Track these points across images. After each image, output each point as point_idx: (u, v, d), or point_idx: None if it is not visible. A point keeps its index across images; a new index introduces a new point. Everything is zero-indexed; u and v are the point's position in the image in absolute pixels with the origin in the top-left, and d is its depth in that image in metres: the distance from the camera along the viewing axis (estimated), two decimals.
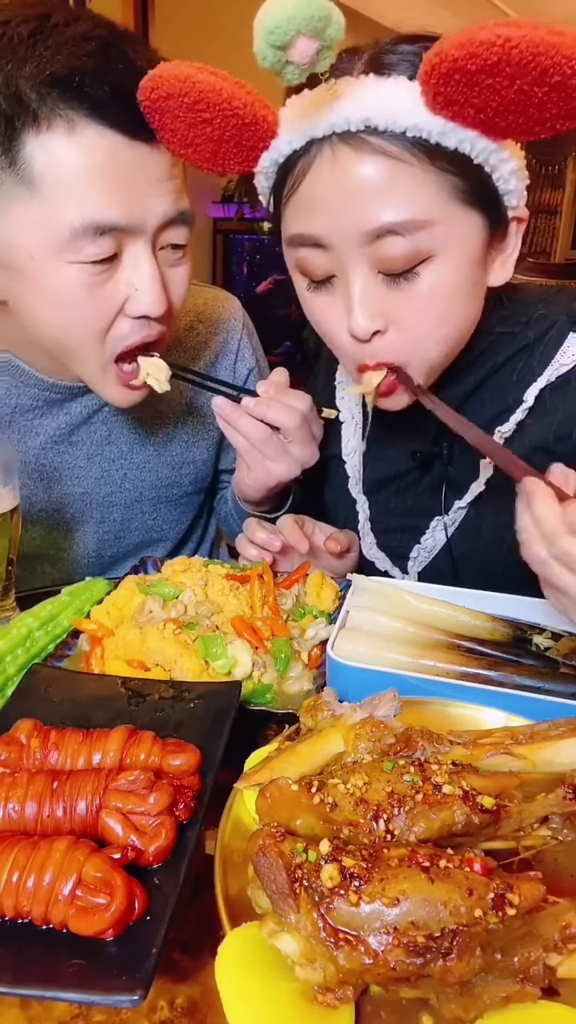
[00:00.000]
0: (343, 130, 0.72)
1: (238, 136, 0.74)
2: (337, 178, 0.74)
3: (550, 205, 7.20)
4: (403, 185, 0.72)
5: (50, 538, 1.13)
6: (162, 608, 0.83)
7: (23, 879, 0.48)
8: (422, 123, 0.70)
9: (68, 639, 0.83)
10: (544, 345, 0.90)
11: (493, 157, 0.72)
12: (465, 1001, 0.44)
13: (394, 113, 0.70)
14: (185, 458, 1.18)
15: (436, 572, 1.01)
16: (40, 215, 0.79)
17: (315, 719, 0.61)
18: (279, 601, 0.88)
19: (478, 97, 0.65)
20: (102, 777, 0.55)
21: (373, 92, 0.71)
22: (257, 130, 0.74)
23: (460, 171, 0.73)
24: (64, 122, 0.76)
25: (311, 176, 0.76)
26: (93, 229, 0.79)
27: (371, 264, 0.76)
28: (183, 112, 0.73)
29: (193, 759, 0.58)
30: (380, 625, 0.77)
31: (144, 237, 0.83)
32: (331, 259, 0.78)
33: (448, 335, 0.82)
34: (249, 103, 0.71)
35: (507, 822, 0.52)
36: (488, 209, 0.77)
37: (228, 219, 4.64)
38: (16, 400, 1.02)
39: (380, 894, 0.43)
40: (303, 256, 0.80)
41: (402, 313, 0.78)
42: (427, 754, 0.55)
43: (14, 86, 0.74)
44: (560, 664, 0.73)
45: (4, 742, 0.59)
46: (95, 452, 1.10)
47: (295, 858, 0.46)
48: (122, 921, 0.47)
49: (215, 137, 0.74)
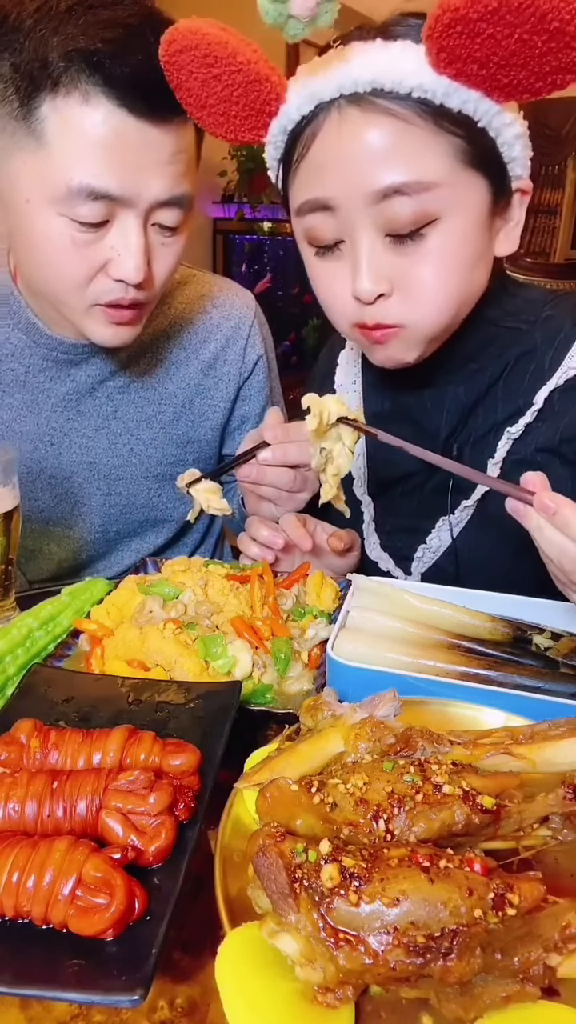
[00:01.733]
0: (351, 92, 0.74)
1: (245, 96, 0.77)
2: (345, 140, 0.75)
3: (550, 205, 7.19)
4: (409, 146, 0.74)
5: (58, 509, 1.15)
6: (162, 608, 0.83)
7: (23, 879, 0.48)
8: (427, 83, 0.71)
9: (68, 639, 0.83)
10: (554, 349, 0.91)
11: (496, 120, 0.74)
12: (465, 1001, 0.44)
13: (400, 74, 0.71)
14: (190, 437, 1.20)
15: (440, 573, 1.01)
16: (42, 168, 0.83)
17: (315, 719, 0.61)
18: (279, 601, 0.88)
19: (480, 50, 0.66)
20: (102, 777, 0.55)
21: (380, 55, 0.73)
22: (262, 90, 0.76)
23: (465, 134, 0.75)
24: (80, 93, 0.80)
25: (319, 140, 0.77)
26: (87, 192, 0.83)
27: (378, 226, 0.77)
28: (195, 67, 0.76)
29: (193, 759, 0.58)
30: (380, 625, 0.77)
31: (136, 211, 0.87)
32: (339, 223, 0.79)
33: (451, 300, 0.82)
34: (253, 60, 0.74)
35: (507, 822, 0.52)
36: (492, 174, 0.78)
37: (228, 219, 4.64)
38: (30, 360, 1.07)
39: (380, 894, 0.43)
40: (311, 223, 0.81)
41: (407, 276, 0.79)
42: (427, 754, 0.55)
43: (43, 52, 0.79)
44: (560, 664, 0.73)
45: (4, 742, 0.59)
46: (102, 424, 1.13)
47: (295, 858, 0.46)
48: (122, 921, 0.47)
49: (225, 96, 0.77)
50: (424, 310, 0.82)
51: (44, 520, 1.15)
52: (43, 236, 0.87)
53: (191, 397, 1.18)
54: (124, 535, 1.22)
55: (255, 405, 1.24)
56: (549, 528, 0.67)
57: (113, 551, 1.23)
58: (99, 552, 1.22)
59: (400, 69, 0.71)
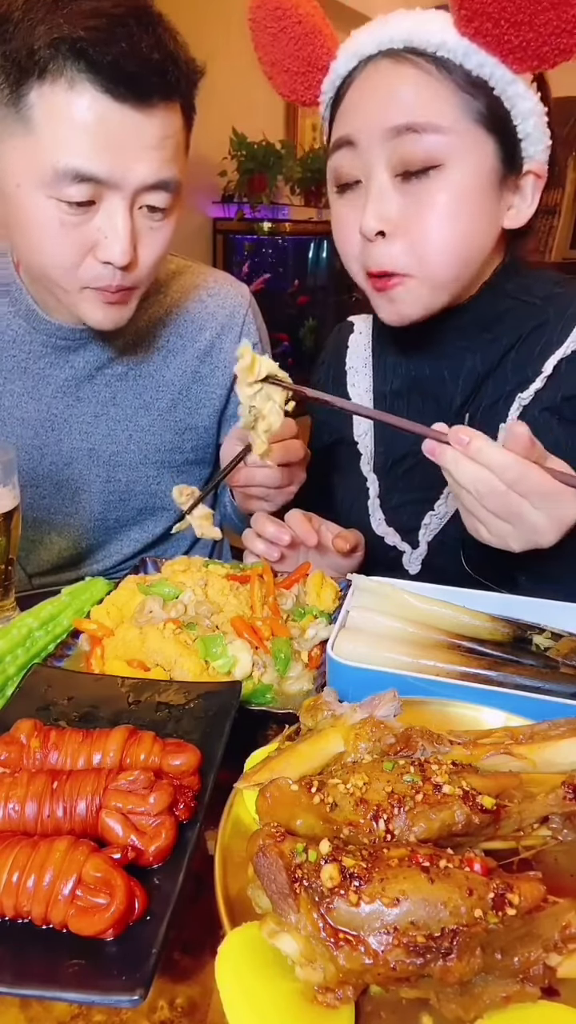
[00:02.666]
0: (387, 47, 0.84)
1: (304, 48, 0.90)
2: (376, 84, 0.86)
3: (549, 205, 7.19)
4: (427, 94, 0.83)
5: (59, 496, 1.17)
6: (162, 608, 0.83)
7: (23, 879, 0.48)
8: (450, 42, 0.81)
9: (68, 639, 0.83)
10: (563, 321, 0.96)
11: (510, 88, 0.82)
12: (465, 1001, 0.44)
13: (428, 33, 0.82)
14: (188, 424, 1.22)
15: (447, 540, 1.03)
16: (30, 151, 0.87)
17: (315, 719, 0.61)
18: (279, 601, 0.88)
19: (493, 4, 0.75)
20: (102, 777, 0.55)
21: (415, 17, 0.84)
22: (317, 42, 0.89)
23: (481, 96, 0.83)
24: (66, 80, 0.83)
25: (355, 86, 0.88)
26: (73, 175, 0.86)
27: (390, 165, 0.85)
28: (268, 21, 0.88)
29: (193, 759, 0.58)
30: (380, 625, 0.77)
31: (122, 193, 0.89)
32: (358, 159, 0.87)
33: (452, 248, 0.88)
34: (312, 13, 0.88)
35: (507, 822, 0.52)
36: (503, 140, 0.85)
37: (228, 219, 4.64)
38: (29, 346, 1.10)
39: (380, 894, 0.43)
40: (338, 161, 0.90)
41: (410, 219, 0.86)
42: (427, 754, 0.55)
43: (30, 40, 0.82)
44: (560, 664, 0.73)
45: (4, 742, 0.59)
46: (101, 411, 1.16)
47: (295, 858, 0.46)
48: (122, 921, 0.47)
49: (290, 52, 0.90)
50: (427, 256, 0.87)
51: (45, 508, 1.17)
52: (33, 219, 0.90)
53: (188, 384, 1.21)
54: (123, 523, 1.24)
55: None
56: (464, 460, 0.71)
57: (112, 540, 1.25)
58: (98, 541, 1.24)
59: (429, 29, 0.82)
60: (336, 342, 1.21)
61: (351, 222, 0.90)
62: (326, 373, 1.20)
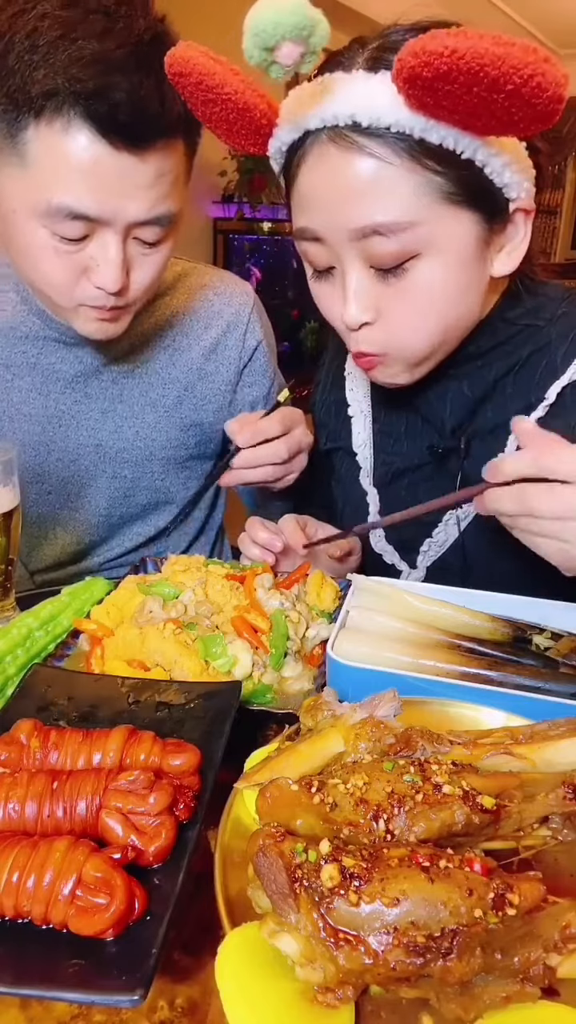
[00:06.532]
0: (332, 125, 0.74)
1: (240, 119, 0.78)
2: (326, 176, 0.77)
3: (550, 205, 7.19)
4: (388, 186, 0.74)
5: (64, 491, 1.18)
6: (162, 608, 0.83)
7: (23, 879, 0.48)
8: (403, 120, 0.71)
9: (68, 639, 0.83)
10: (567, 344, 0.91)
11: (480, 152, 0.73)
12: (465, 1001, 0.44)
13: (378, 110, 0.71)
14: (192, 420, 1.23)
15: (446, 567, 1.02)
16: (26, 184, 0.87)
17: (315, 719, 0.61)
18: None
19: (445, 100, 0.65)
20: (102, 777, 0.55)
21: (361, 88, 0.72)
22: (251, 116, 0.77)
23: (448, 168, 0.74)
24: (62, 123, 0.83)
25: (304, 171, 0.79)
26: (66, 212, 0.87)
27: (363, 259, 0.79)
28: (192, 92, 0.76)
29: (193, 759, 0.58)
30: (380, 625, 0.77)
31: (113, 228, 0.90)
32: (328, 252, 0.81)
33: (433, 330, 0.84)
34: (240, 90, 0.74)
35: (507, 822, 0.52)
36: (481, 205, 0.77)
37: (228, 219, 4.64)
38: (42, 343, 1.11)
39: (380, 894, 0.43)
40: (306, 248, 0.84)
41: (389, 307, 0.81)
42: (427, 754, 0.55)
43: (28, 81, 0.81)
44: (560, 664, 0.73)
45: (4, 742, 0.59)
46: (109, 408, 1.16)
47: (295, 858, 0.46)
48: (122, 921, 0.47)
49: (224, 117, 0.78)
50: (403, 341, 0.84)
51: (50, 504, 1.17)
52: (27, 245, 0.92)
53: (193, 381, 1.21)
54: (127, 519, 1.25)
55: (261, 389, 1.28)
56: (520, 490, 0.67)
57: (115, 535, 1.26)
58: (102, 536, 1.25)
59: (378, 104, 0.71)
60: (336, 346, 1.19)
61: (335, 305, 0.85)
62: (326, 377, 1.20)
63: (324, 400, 1.18)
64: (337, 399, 1.13)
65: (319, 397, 1.20)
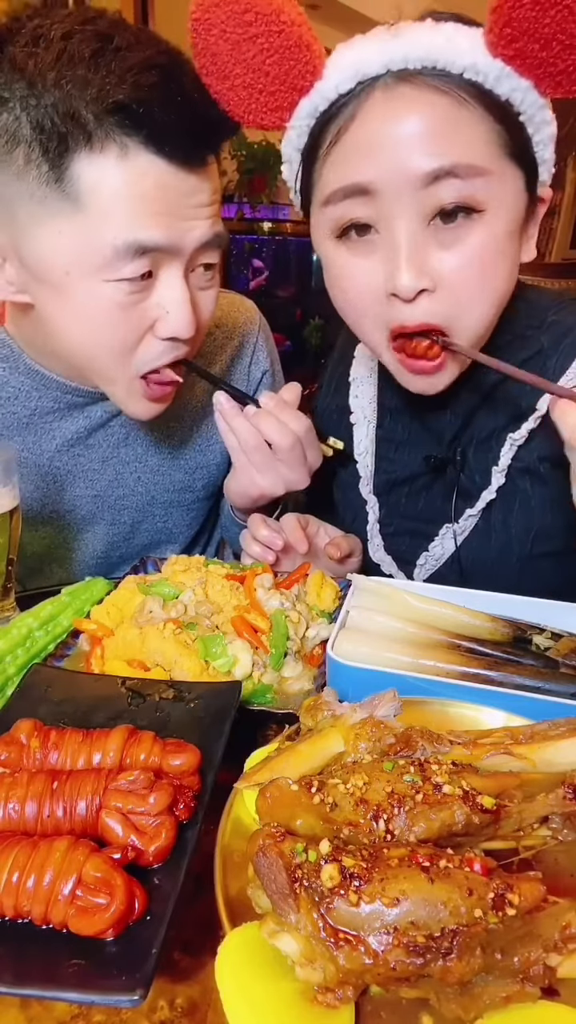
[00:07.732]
0: (400, 68, 0.70)
1: (280, 64, 0.71)
2: (392, 119, 0.71)
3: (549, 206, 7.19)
4: (463, 128, 0.70)
5: (60, 538, 1.13)
6: (162, 608, 0.83)
7: (23, 879, 0.48)
8: (480, 64, 0.68)
9: (68, 639, 0.83)
10: (559, 354, 0.88)
11: (538, 115, 0.72)
12: (465, 1001, 0.44)
13: (454, 52, 0.68)
14: (199, 462, 1.18)
15: (442, 581, 1.00)
16: (81, 232, 0.78)
17: (315, 719, 0.61)
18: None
19: (548, 26, 0.64)
20: (102, 777, 0.55)
21: (433, 33, 0.70)
22: (300, 58, 0.71)
23: (510, 124, 0.72)
24: (118, 147, 0.76)
25: (360, 120, 0.72)
26: (135, 249, 0.79)
27: (421, 214, 0.73)
28: (230, 25, 0.70)
29: (193, 759, 0.58)
30: (380, 625, 0.77)
31: (180, 258, 0.84)
32: (376, 209, 0.74)
33: (492, 299, 0.78)
34: (298, 22, 0.69)
35: (507, 822, 0.52)
36: (528, 171, 0.75)
37: (228, 219, 4.64)
38: (36, 402, 1.02)
39: (380, 894, 0.43)
40: (342, 212, 0.76)
41: (449, 271, 0.74)
42: (427, 754, 0.55)
43: (71, 106, 0.73)
44: (560, 664, 0.73)
45: (4, 742, 0.59)
46: (111, 455, 1.10)
47: (295, 858, 0.46)
48: (122, 921, 0.47)
49: (257, 64, 0.71)
50: (469, 307, 0.77)
51: (45, 545, 1.13)
52: (87, 308, 0.83)
53: (198, 420, 1.17)
54: (126, 558, 1.21)
55: None
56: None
57: (115, 570, 1.22)
58: (99, 573, 1.21)
59: (455, 48, 0.68)
60: (343, 350, 1.16)
61: (365, 274, 0.77)
62: (329, 382, 1.18)
63: (326, 406, 1.16)
64: (340, 405, 1.12)
65: (321, 403, 1.19)
